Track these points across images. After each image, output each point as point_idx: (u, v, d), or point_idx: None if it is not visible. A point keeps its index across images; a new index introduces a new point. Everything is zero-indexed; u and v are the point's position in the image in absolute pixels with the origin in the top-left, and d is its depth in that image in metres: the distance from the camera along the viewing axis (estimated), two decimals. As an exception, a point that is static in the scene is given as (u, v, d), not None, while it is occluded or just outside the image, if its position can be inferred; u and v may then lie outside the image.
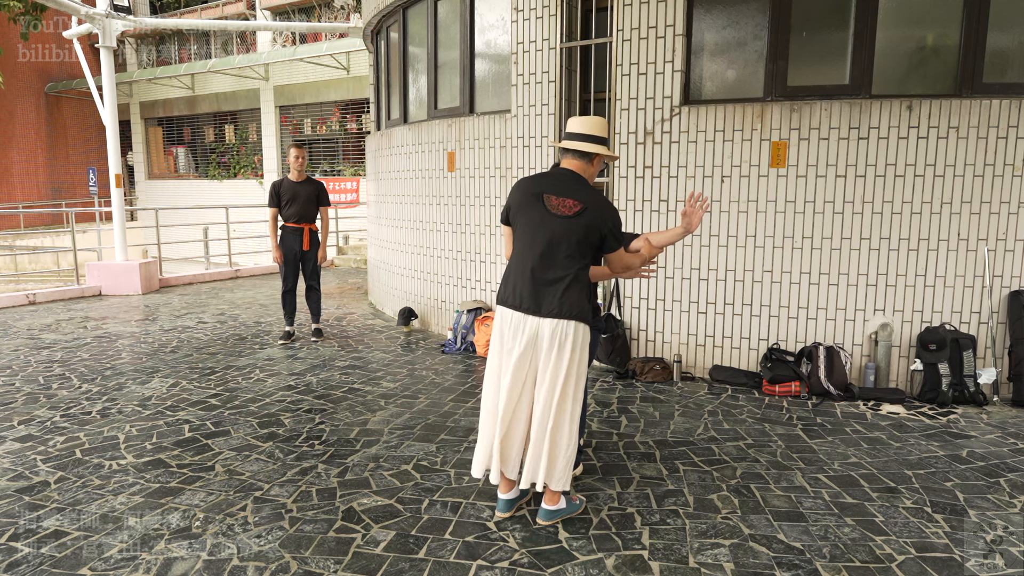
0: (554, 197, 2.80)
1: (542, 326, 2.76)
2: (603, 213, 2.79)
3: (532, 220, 2.82)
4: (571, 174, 2.88)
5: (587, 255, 2.82)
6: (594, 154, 2.91)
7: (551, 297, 2.76)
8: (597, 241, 2.79)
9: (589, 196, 2.80)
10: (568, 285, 2.77)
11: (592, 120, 2.91)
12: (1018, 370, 4.58)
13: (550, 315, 2.74)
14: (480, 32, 6.13)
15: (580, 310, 2.77)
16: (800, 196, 4.86)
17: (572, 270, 2.77)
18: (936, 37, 4.86)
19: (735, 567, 2.60)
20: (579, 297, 2.78)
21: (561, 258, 2.77)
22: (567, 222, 2.76)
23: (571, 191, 2.81)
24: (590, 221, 2.75)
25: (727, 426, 4.16)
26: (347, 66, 16.44)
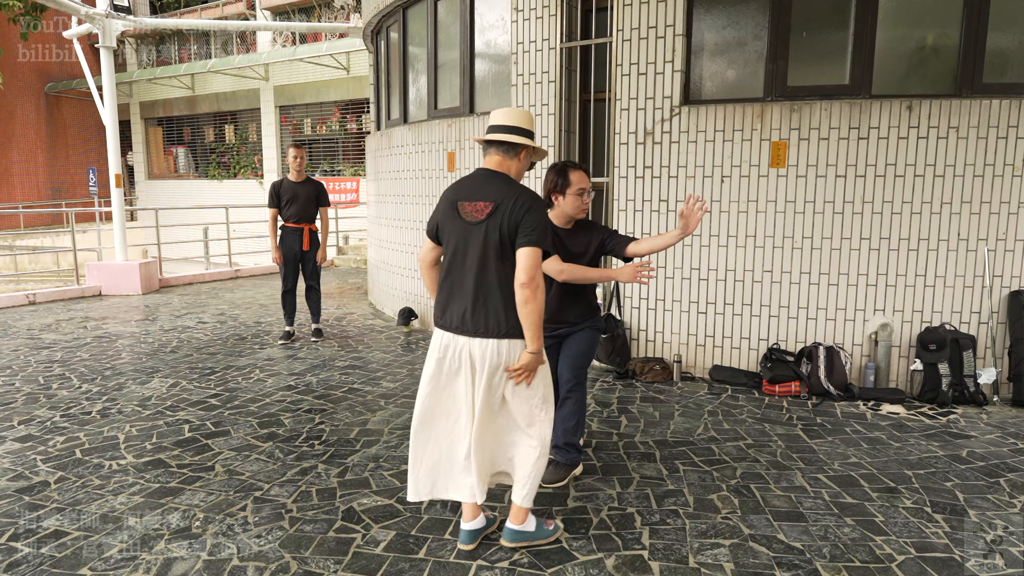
0: (467, 203, 2.54)
1: (473, 347, 2.51)
2: (514, 205, 2.45)
3: (451, 233, 2.56)
4: (486, 173, 2.60)
5: (514, 259, 2.50)
6: (519, 147, 2.61)
7: (480, 316, 2.50)
8: (514, 239, 2.49)
9: (503, 192, 2.50)
10: (497, 300, 2.50)
11: (514, 111, 2.65)
12: (1018, 370, 4.58)
13: (480, 335, 2.50)
14: (480, 32, 6.13)
15: (515, 326, 2.50)
16: (800, 196, 4.86)
17: (499, 282, 2.50)
18: (936, 37, 4.86)
19: (735, 567, 2.60)
20: (513, 312, 2.50)
21: (485, 271, 2.49)
22: (480, 228, 2.49)
23: (483, 192, 2.52)
24: (502, 219, 2.46)
25: (727, 426, 4.16)
26: (347, 66, 16.44)
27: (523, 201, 2.48)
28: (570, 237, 3.29)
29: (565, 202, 3.22)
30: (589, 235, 3.30)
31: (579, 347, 3.34)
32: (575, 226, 3.32)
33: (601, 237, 3.29)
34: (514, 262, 2.48)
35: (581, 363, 3.33)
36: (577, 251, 3.27)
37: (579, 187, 3.19)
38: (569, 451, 3.35)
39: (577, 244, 3.28)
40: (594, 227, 3.35)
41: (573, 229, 3.31)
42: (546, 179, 3.27)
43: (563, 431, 3.32)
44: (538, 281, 2.44)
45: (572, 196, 3.19)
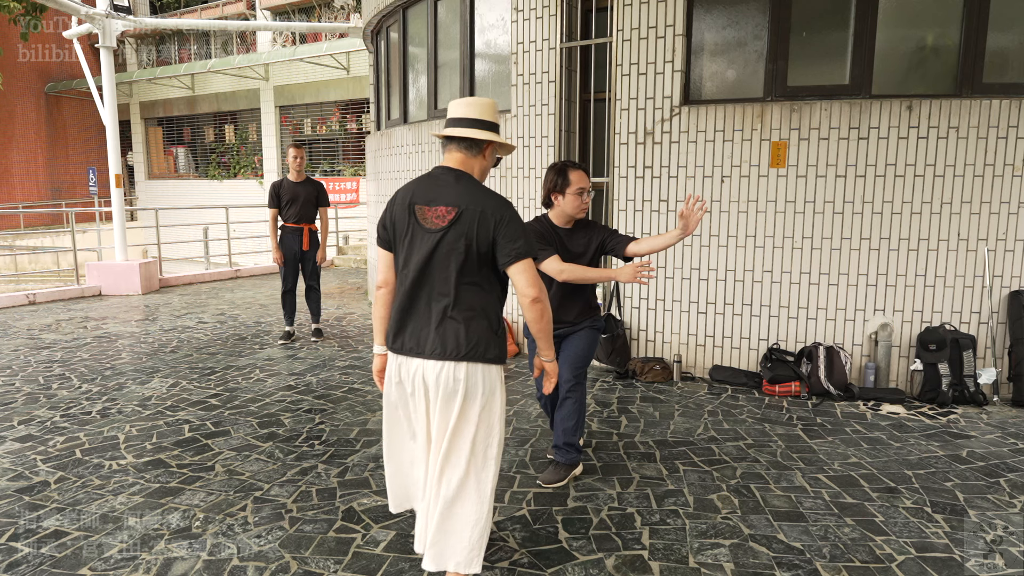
0: (426, 207, 2.21)
1: (427, 371, 2.21)
2: (486, 213, 2.16)
3: (406, 242, 2.25)
4: (447, 172, 2.28)
5: (482, 273, 2.23)
6: (483, 142, 2.31)
7: (437, 337, 2.20)
8: (487, 250, 2.19)
9: (468, 196, 2.19)
10: (458, 319, 2.20)
11: (476, 101, 2.32)
12: (1018, 370, 4.58)
13: (435, 356, 2.19)
14: (480, 32, 6.13)
15: (475, 348, 2.19)
16: (800, 196, 4.86)
17: (461, 298, 2.21)
18: (936, 37, 4.86)
19: (735, 567, 2.60)
20: (475, 332, 2.20)
21: (445, 285, 2.20)
22: (441, 236, 2.18)
23: (444, 195, 2.21)
24: (468, 229, 2.16)
25: (727, 426, 4.16)
26: (347, 66, 16.44)
27: (493, 211, 2.18)
28: (570, 237, 3.29)
29: (565, 202, 3.22)
30: (589, 235, 3.30)
31: (578, 347, 3.34)
32: (575, 226, 3.32)
33: (601, 237, 3.29)
34: (477, 276, 2.21)
35: (580, 363, 3.33)
36: (577, 251, 3.28)
37: (579, 187, 3.19)
38: (569, 451, 3.35)
39: (577, 244, 3.29)
40: (594, 227, 3.35)
41: (573, 229, 3.32)
42: (546, 178, 3.27)
43: (563, 431, 3.32)
44: (543, 296, 2.24)
45: (572, 196, 3.20)
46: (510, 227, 2.19)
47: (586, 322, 3.38)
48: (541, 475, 3.36)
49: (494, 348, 2.24)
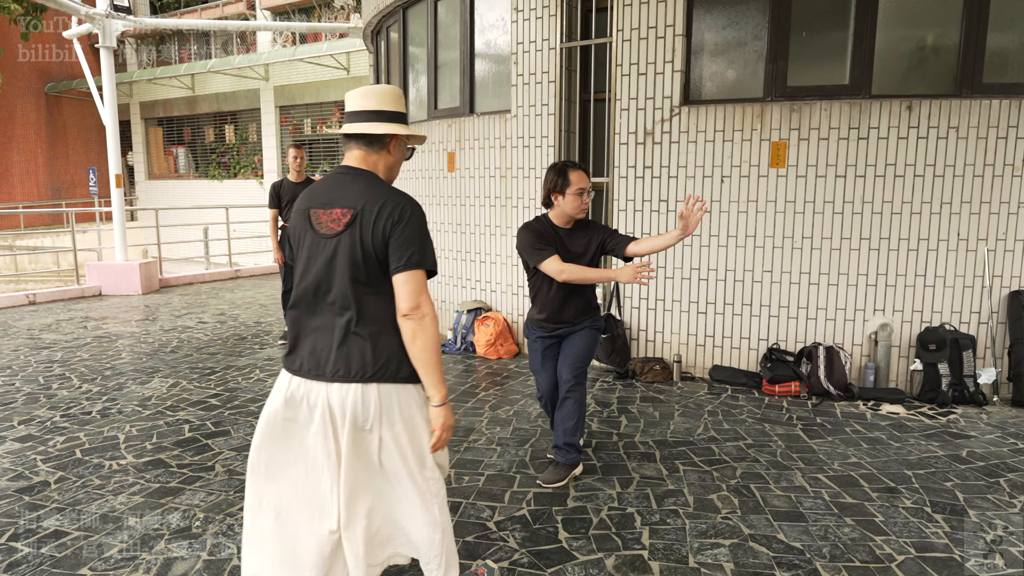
0: (321, 211, 1.97)
1: (331, 395, 1.94)
2: (379, 214, 1.90)
3: (303, 250, 2.01)
4: (346, 172, 2.03)
5: (390, 282, 1.96)
6: (386, 136, 2.03)
7: (340, 356, 1.95)
8: (384, 255, 1.93)
9: (366, 195, 1.94)
10: (362, 335, 1.95)
11: (373, 91, 2.04)
12: (1018, 370, 4.58)
13: (338, 379, 1.94)
14: (480, 32, 6.13)
15: (385, 367, 1.94)
16: (800, 196, 4.86)
17: (365, 311, 1.95)
18: (936, 37, 4.86)
19: (735, 567, 2.60)
20: (384, 349, 1.95)
21: (345, 297, 1.94)
22: (337, 242, 1.93)
23: (340, 196, 1.96)
24: (365, 232, 1.91)
25: (727, 426, 4.16)
26: (347, 66, 16.44)
27: (391, 209, 1.91)
28: (570, 237, 3.30)
29: (564, 202, 3.22)
30: (589, 235, 3.30)
31: (578, 347, 3.34)
32: (575, 226, 3.32)
33: (601, 237, 3.29)
34: (383, 285, 1.95)
35: (581, 363, 3.33)
36: (577, 251, 3.28)
37: (578, 187, 3.19)
38: (569, 451, 3.35)
39: (577, 244, 3.29)
40: (594, 227, 3.35)
41: (573, 229, 3.32)
42: (546, 179, 3.27)
43: (563, 431, 3.32)
44: (425, 309, 1.91)
45: (572, 196, 3.20)
46: (406, 230, 1.91)
47: (586, 322, 3.38)
48: (541, 475, 3.36)
49: (407, 365, 1.97)
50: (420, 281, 1.93)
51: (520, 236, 3.29)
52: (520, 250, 3.30)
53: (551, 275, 3.19)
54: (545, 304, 3.35)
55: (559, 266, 3.15)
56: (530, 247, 3.23)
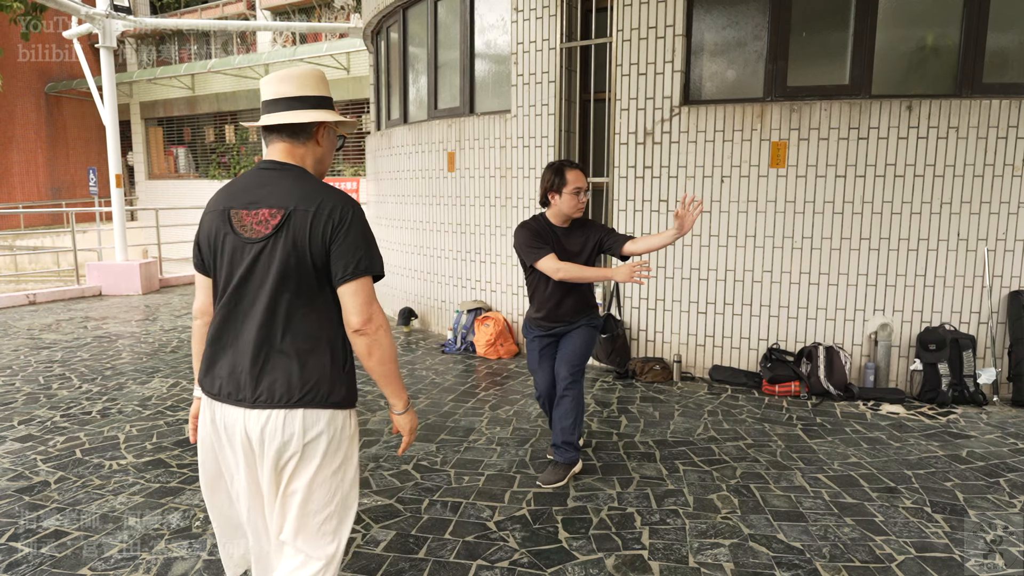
0: (244, 212, 1.73)
1: (249, 423, 1.72)
2: (317, 216, 1.68)
3: (222, 256, 1.76)
4: (272, 167, 1.78)
5: (323, 294, 1.74)
6: (312, 125, 1.79)
7: (262, 378, 1.72)
8: (324, 263, 1.71)
9: (297, 194, 1.71)
10: (288, 354, 1.73)
11: (291, 74, 1.79)
12: (1018, 370, 4.58)
13: (260, 404, 1.71)
14: (480, 32, 6.13)
15: (314, 390, 1.72)
16: (800, 196, 4.86)
17: (293, 326, 1.73)
18: (936, 37, 4.86)
19: (735, 567, 2.60)
20: (313, 370, 1.73)
21: (271, 311, 1.72)
22: (263, 247, 1.70)
23: (266, 195, 1.72)
24: (298, 236, 1.68)
25: (727, 426, 4.16)
26: (347, 66, 16.44)
27: (330, 210, 1.69)
28: (567, 236, 3.31)
29: (562, 201, 3.23)
30: (586, 234, 3.31)
31: (576, 344, 3.34)
32: (572, 225, 3.33)
33: (599, 236, 3.30)
34: (316, 297, 1.73)
35: (578, 361, 3.33)
36: (573, 249, 3.28)
37: (575, 186, 3.20)
38: (567, 450, 3.35)
39: (573, 243, 3.30)
40: (591, 226, 3.36)
41: (570, 228, 3.33)
42: (543, 178, 3.28)
43: (560, 429, 3.32)
44: (378, 320, 1.73)
45: (569, 195, 3.21)
46: (350, 234, 1.70)
47: (583, 320, 3.39)
48: (540, 476, 3.36)
49: (341, 389, 1.76)
50: (370, 290, 1.74)
51: (517, 234, 3.30)
52: (517, 248, 3.31)
53: (547, 273, 3.19)
54: (542, 303, 3.36)
55: (555, 264, 3.16)
56: (527, 245, 3.24)
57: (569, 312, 3.34)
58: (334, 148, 1.90)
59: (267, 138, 1.82)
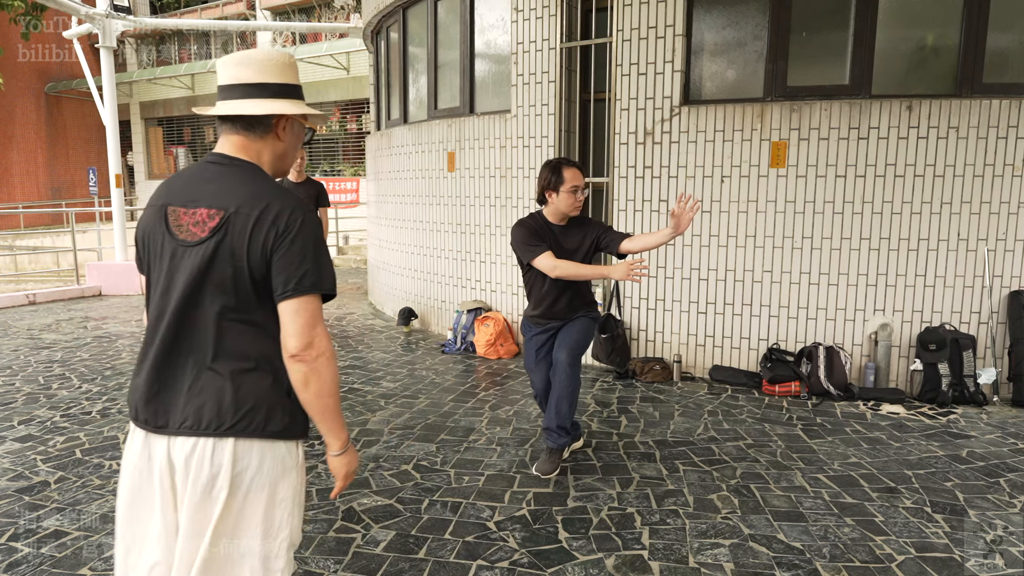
0: (183, 210, 1.51)
1: (174, 451, 1.50)
2: (263, 220, 1.46)
3: (156, 260, 1.55)
4: (220, 162, 1.56)
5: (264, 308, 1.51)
6: (270, 119, 1.56)
7: (189, 400, 1.50)
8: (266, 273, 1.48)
9: (241, 193, 1.49)
10: (221, 375, 1.50)
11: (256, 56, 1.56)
12: (1018, 370, 4.58)
13: (186, 431, 1.49)
14: (480, 32, 6.13)
15: (249, 416, 1.49)
16: (800, 196, 4.86)
17: (228, 343, 1.51)
18: (936, 37, 4.86)
19: (735, 567, 2.60)
20: (250, 393, 1.50)
21: (203, 325, 1.50)
22: (198, 252, 1.47)
23: (208, 193, 1.50)
24: (237, 241, 1.46)
25: (727, 426, 4.16)
26: (347, 66, 16.44)
27: (276, 215, 1.46)
28: (564, 234, 3.31)
29: (559, 199, 3.23)
30: (583, 232, 3.31)
31: (574, 331, 3.35)
32: (569, 223, 3.34)
33: (596, 234, 3.30)
34: (256, 311, 1.51)
35: (577, 347, 3.32)
36: (570, 247, 3.28)
37: (572, 184, 3.20)
38: (560, 435, 3.34)
39: (571, 241, 3.30)
40: (589, 224, 3.36)
41: (567, 226, 3.33)
42: (540, 176, 3.28)
43: (555, 413, 3.31)
44: (320, 347, 1.48)
45: (566, 193, 3.21)
46: (296, 243, 1.47)
47: (580, 313, 3.40)
48: (537, 466, 3.37)
49: (281, 416, 1.52)
50: (314, 310, 1.49)
51: (514, 232, 3.30)
52: (514, 246, 3.31)
53: (544, 271, 3.19)
54: (539, 300, 3.36)
55: (552, 262, 3.16)
56: (523, 243, 3.24)
57: (566, 309, 3.35)
58: (299, 143, 1.67)
59: (220, 128, 1.58)
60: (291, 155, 1.65)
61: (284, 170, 1.66)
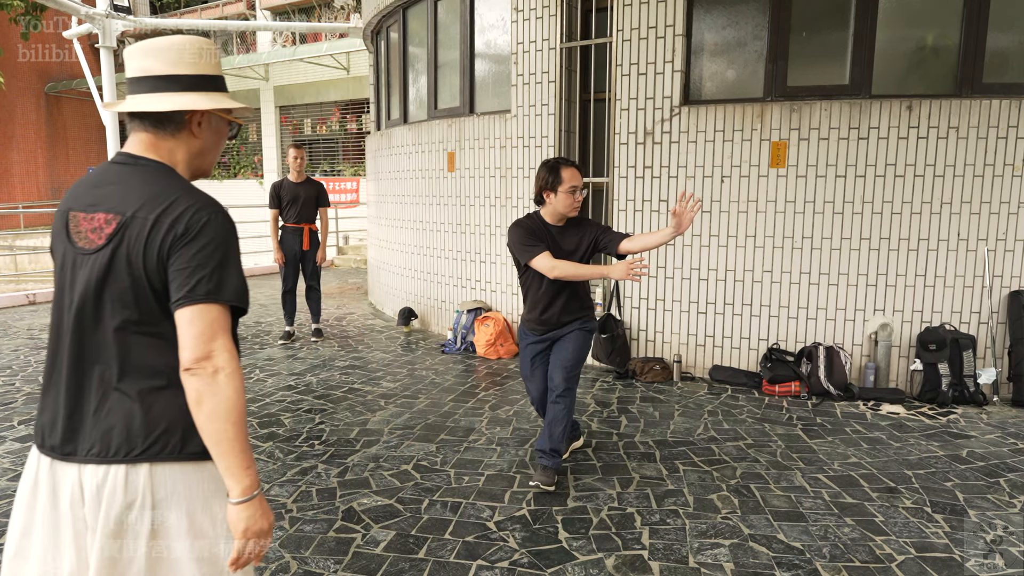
0: (83, 215, 1.38)
1: (84, 479, 1.35)
2: (161, 223, 1.31)
3: (59, 270, 1.42)
4: (125, 161, 1.41)
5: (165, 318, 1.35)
6: (184, 113, 1.41)
7: (94, 423, 1.36)
8: (163, 285, 1.33)
9: (141, 196, 1.34)
10: (129, 393, 1.36)
11: (165, 45, 1.41)
12: (1018, 370, 4.58)
13: (93, 458, 1.35)
14: (480, 32, 6.13)
15: (163, 438, 1.36)
16: (800, 196, 4.86)
17: (133, 360, 1.36)
18: (936, 37, 4.86)
19: (735, 567, 2.60)
20: (162, 413, 1.37)
21: (103, 340, 1.36)
22: (96, 260, 1.34)
23: (109, 195, 1.37)
24: (134, 248, 1.32)
25: (727, 426, 4.16)
26: (347, 66, 16.43)
27: (176, 216, 1.32)
28: (562, 234, 3.25)
29: (557, 200, 3.17)
30: (581, 232, 3.25)
31: (568, 350, 3.26)
32: (567, 223, 3.27)
33: (594, 234, 3.23)
34: (163, 324, 1.36)
35: (572, 367, 3.25)
36: (568, 248, 3.22)
37: (571, 184, 3.13)
38: (555, 456, 3.27)
39: (568, 241, 3.23)
40: (587, 224, 3.29)
41: (565, 227, 3.27)
42: (538, 176, 3.22)
43: (549, 436, 3.25)
44: (219, 361, 1.31)
45: (564, 194, 3.14)
46: (194, 247, 1.31)
47: (575, 324, 3.31)
48: (536, 477, 3.28)
49: (199, 436, 1.34)
50: (214, 321, 1.32)
51: (511, 233, 3.24)
52: (511, 247, 3.25)
53: (542, 272, 3.13)
54: (535, 302, 3.30)
55: (550, 263, 3.10)
56: (521, 244, 3.18)
57: (563, 312, 3.28)
58: (222, 139, 1.51)
59: (129, 125, 1.43)
60: (212, 153, 1.50)
61: (205, 169, 1.51)
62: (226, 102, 1.45)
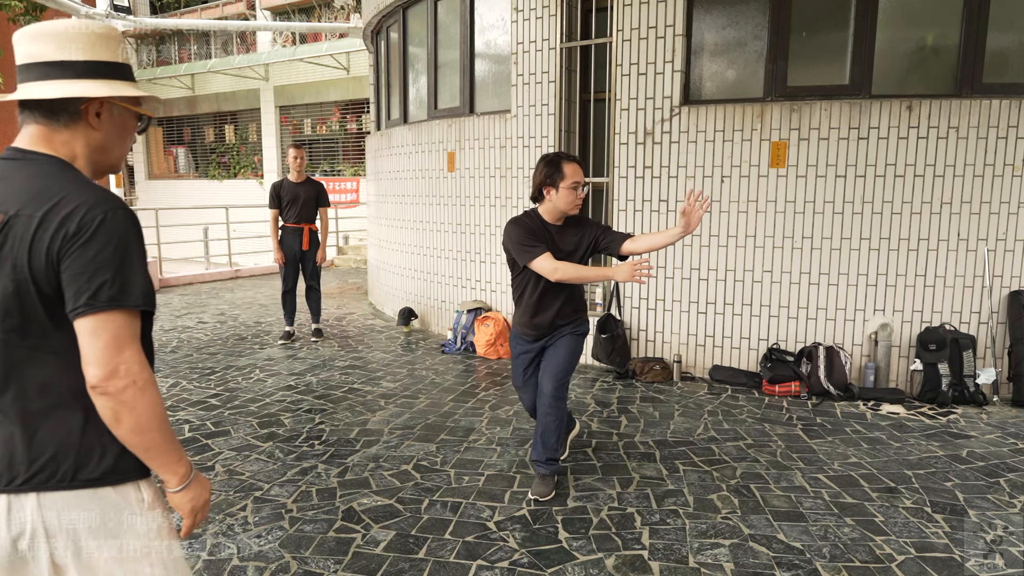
0: None
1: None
2: (48, 222, 1.18)
3: None
4: (12, 157, 1.27)
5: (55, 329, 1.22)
6: (80, 102, 1.27)
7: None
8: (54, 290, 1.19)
9: (28, 194, 1.21)
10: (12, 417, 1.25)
11: (56, 29, 1.27)
12: (1018, 370, 4.58)
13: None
14: (480, 32, 6.13)
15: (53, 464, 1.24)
16: (800, 196, 4.86)
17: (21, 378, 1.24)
18: (936, 37, 4.86)
19: (735, 567, 2.60)
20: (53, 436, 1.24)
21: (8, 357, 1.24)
22: None
23: None
24: (16, 251, 1.19)
25: (727, 426, 4.16)
26: (347, 66, 16.43)
27: (67, 214, 1.18)
28: (560, 234, 3.08)
29: (558, 196, 2.99)
30: (580, 232, 3.09)
31: (559, 357, 3.15)
32: (566, 222, 3.10)
33: (594, 234, 3.08)
34: (52, 336, 1.23)
35: (563, 375, 3.14)
36: (567, 249, 3.06)
37: (573, 180, 2.95)
38: (550, 464, 3.20)
39: (567, 241, 3.08)
40: (586, 224, 3.13)
41: (564, 226, 3.10)
42: (536, 171, 3.04)
43: (543, 447, 3.16)
44: (131, 376, 1.20)
45: (565, 190, 2.96)
46: (90, 248, 1.18)
47: (567, 328, 3.19)
48: (533, 489, 3.20)
49: (100, 459, 1.26)
50: (120, 330, 1.19)
51: (509, 232, 3.05)
52: (508, 247, 3.07)
53: (544, 274, 2.96)
54: (528, 305, 3.14)
55: (552, 264, 2.93)
56: (520, 244, 2.98)
57: (557, 315, 3.14)
58: (128, 132, 1.37)
59: (20, 116, 1.29)
60: (117, 148, 1.36)
61: (110, 165, 1.38)
62: (127, 90, 1.31)
